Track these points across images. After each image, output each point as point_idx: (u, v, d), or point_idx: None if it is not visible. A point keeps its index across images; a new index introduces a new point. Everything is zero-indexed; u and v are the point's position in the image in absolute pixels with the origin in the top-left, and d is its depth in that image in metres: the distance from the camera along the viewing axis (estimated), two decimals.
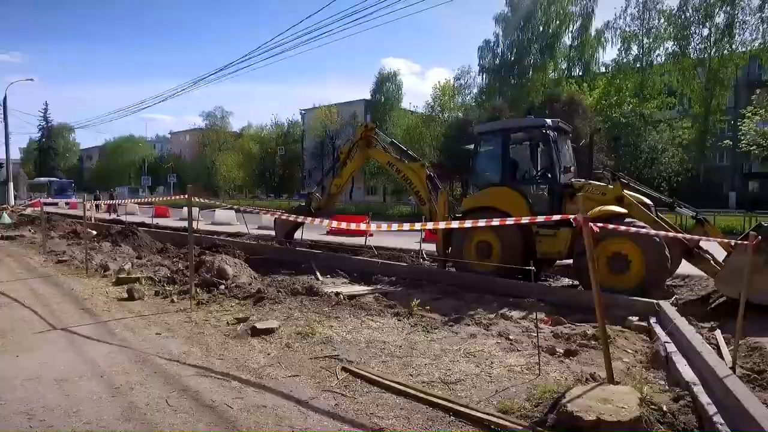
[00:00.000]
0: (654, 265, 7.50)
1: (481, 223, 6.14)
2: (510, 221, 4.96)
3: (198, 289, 6.18)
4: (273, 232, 16.89)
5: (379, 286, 8.54)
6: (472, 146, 10.14)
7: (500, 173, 9.33)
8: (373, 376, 3.48)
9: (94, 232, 14.08)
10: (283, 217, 9.51)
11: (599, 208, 8.04)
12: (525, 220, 4.74)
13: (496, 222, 5.58)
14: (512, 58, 45.68)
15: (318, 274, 9.45)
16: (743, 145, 35.38)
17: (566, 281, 10.15)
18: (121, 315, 5.29)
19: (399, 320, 5.04)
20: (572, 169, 9.05)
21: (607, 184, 8.60)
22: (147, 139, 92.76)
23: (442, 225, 6.27)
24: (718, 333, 6.07)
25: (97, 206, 20.57)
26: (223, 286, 6.34)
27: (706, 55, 36.41)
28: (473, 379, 3.54)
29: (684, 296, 8.53)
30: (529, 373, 3.71)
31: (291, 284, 6.26)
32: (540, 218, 4.65)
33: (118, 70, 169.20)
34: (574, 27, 44.78)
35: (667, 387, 4.26)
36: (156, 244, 11.79)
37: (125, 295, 6.13)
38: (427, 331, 4.72)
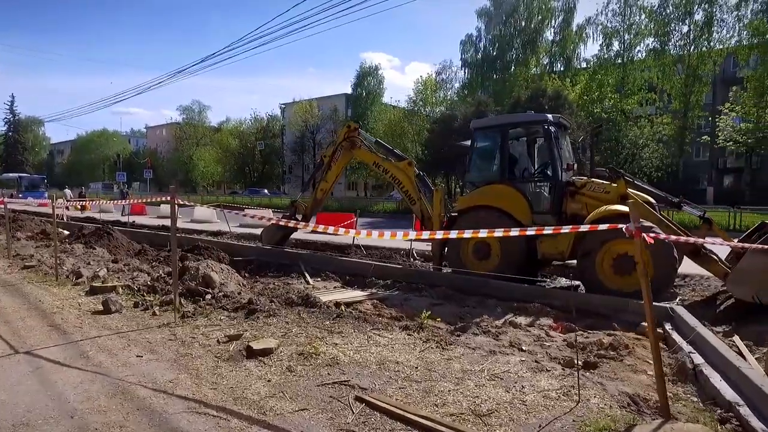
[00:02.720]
0: (662, 267, 7.22)
1: (483, 233, 5.75)
2: (532, 231, 4.49)
3: (182, 300, 5.61)
4: (255, 231, 16.34)
5: (374, 290, 8.08)
6: (468, 142, 9.75)
7: (499, 170, 8.96)
8: (395, 409, 3.02)
9: (66, 233, 13.24)
10: (273, 222, 8.98)
11: (604, 207, 7.73)
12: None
13: (499, 233, 5.20)
14: (494, 53, 45.68)
15: (308, 277, 8.94)
16: (720, 141, 36.05)
17: (564, 281, 9.87)
18: (95, 332, 4.69)
19: (409, 335, 4.58)
20: (575, 166, 8.72)
21: (610, 182, 8.32)
22: (121, 133, 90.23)
23: (439, 235, 5.85)
24: (737, 339, 5.78)
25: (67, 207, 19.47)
26: (209, 296, 5.78)
27: (685, 52, 36.87)
28: (507, 409, 3.12)
29: (687, 297, 8.30)
30: (567, 399, 3.30)
31: (285, 293, 5.74)
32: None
33: (90, 62, 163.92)
34: (556, 22, 45.03)
35: (702, 405, 3.91)
36: (133, 246, 11.08)
37: (100, 308, 5.51)
38: (442, 348, 4.27)
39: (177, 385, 3.44)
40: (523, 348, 5.08)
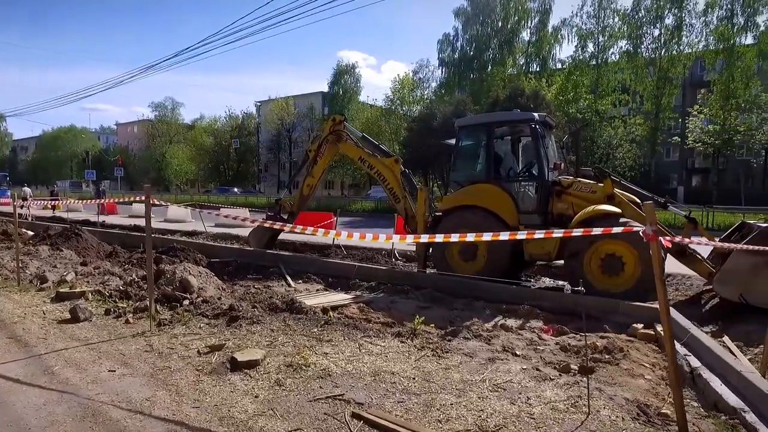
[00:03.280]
0: (650, 268, 7.17)
1: (470, 237, 5.60)
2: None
3: (158, 306, 5.25)
4: (232, 230, 15.88)
5: (359, 293, 7.84)
6: (452, 141, 9.59)
7: (484, 170, 8.83)
8: (396, 427, 2.79)
9: (30, 233, 12.55)
10: (258, 223, 8.64)
11: (592, 207, 7.67)
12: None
13: (488, 236, 5.05)
14: (472, 53, 45.91)
15: (290, 279, 8.62)
16: (690, 142, 37.05)
17: (547, 281, 9.82)
18: (62, 344, 4.30)
19: (402, 342, 4.36)
20: (562, 165, 8.65)
21: (596, 182, 8.27)
22: (90, 130, 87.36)
23: (424, 239, 5.65)
24: (727, 340, 5.76)
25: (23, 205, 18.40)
26: (187, 301, 5.43)
27: (657, 55, 37.77)
28: (515, 423, 2.92)
29: (672, 297, 8.32)
30: (576, 411, 3.13)
31: (268, 298, 5.43)
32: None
33: (56, 56, 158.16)
34: (533, 23, 45.54)
35: (704, 411, 3.82)
36: (104, 247, 10.54)
37: (67, 316, 5.10)
38: (438, 356, 4.06)
39: (155, 403, 3.13)
40: (517, 353, 4.94)
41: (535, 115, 8.53)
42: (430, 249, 9.11)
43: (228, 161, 61.19)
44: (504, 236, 5.65)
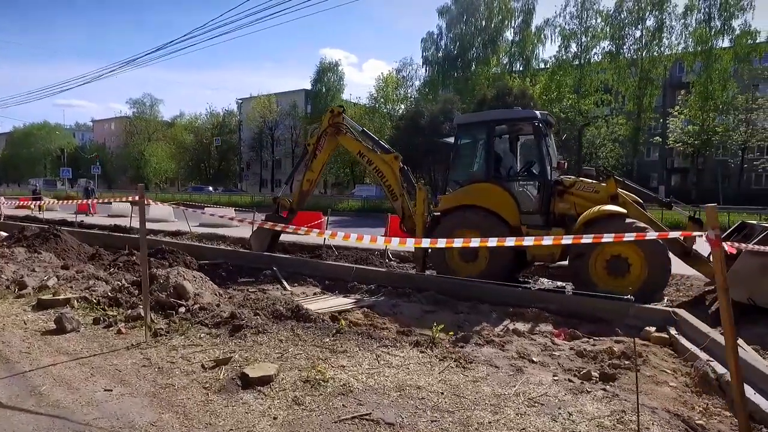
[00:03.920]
0: (656, 269, 7.07)
1: (475, 243, 5.37)
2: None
3: (152, 314, 4.87)
4: (217, 230, 15.41)
5: (358, 296, 7.54)
6: (451, 139, 9.36)
7: (485, 169, 8.61)
8: None
9: (4, 234, 11.90)
10: (260, 226, 8.30)
11: (597, 207, 7.52)
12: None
13: (493, 242, 4.83)
14: (456, 51, 45.87)
15: (285, 283, 8.27)
16: (671, 142, 37.72)
17: (545, 282, 9.67)
18: (49, 359, 3.90)
19: (421, 352, 4.08)
20: (565, 165, 8.49)
21: (599, 182, 8.13)
22: (65, 126, 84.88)
23: (425, 243, 5.39)
24: (743, 343, 5.64)
25: None
26: (183, 309, 5.06)
27: (638, 56, 38.27)
28: None
29: (673, 297, 8.25)
30: (624, 428, 2.90)
31: (271, 304, 5.09)
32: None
33: (29, 50, 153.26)
34: (516, 23, 45.66)
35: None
36: (85, 249, 9.99)
37: (52, 326, 4.68)
38: (463, 367, 3.80)
39: (162, 429, 2.78)
40: (534, 359, 4.75)
41: (537, 112, 8.36)
42: (429, 249, 8.87)
43: (209, 159, 60.10)
44: (510, 242, 5.42)
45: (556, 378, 3.68)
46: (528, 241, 5.44)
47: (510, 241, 5.57)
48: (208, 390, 3.29)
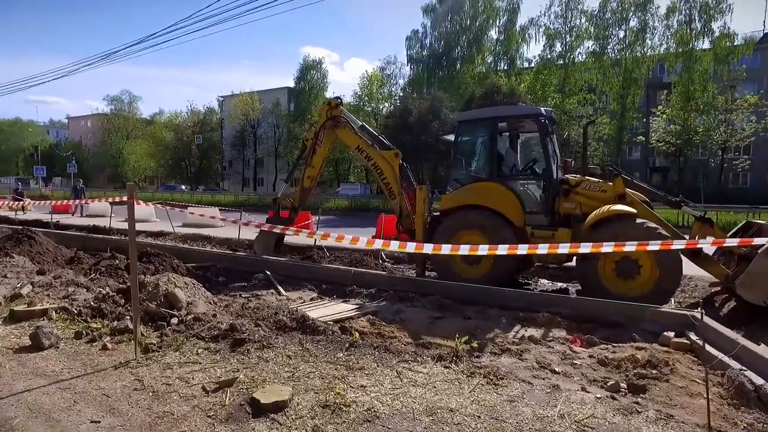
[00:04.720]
0: (668, 271, 6.83)
1: (483, 251, 5.09)
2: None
3: (142, 326, 4.39)
4: (202, 231, 14.81)
5: (359, 301, 7.13)
6: (451, 137, 9.04)
7: (488, 167, 8.32)
8: None
9: None
10: (258, 225, 7.85)
11: (607, 207, 7.26)
12: (679, 245, 3.55)
13: (504, 249, 4.57)
14: (441, 50, 45.74)
15: (280, 288, 7.81)
16: (653, 141, 38.13)
17: (545, 283, 9.43)
18: (23, 383, 3.40)
19: (446, 367, 3.70)
20: (572, 164, 8.22)
21: (605, 180, 7.89)
22: (38, 123, 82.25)
23: (428, 249, 5.05)
24: (765, 349, 5.44)
25: None
26: (176, 320, 4.58)
27: (622, 56, 38.67)
28: None
29: (679, 298, 8.05)
30: None
31: (273, 314, 4.65)
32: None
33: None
34: (501, 22, 45.71)
35: None
36: (62, 251, 9.37)
37: (27, 342, 4.16)
38: (495, 385, 3.43)
39: None
40: (556, 369, 4.46)
41: (542, 109, 8.07)
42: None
43: (190, 158, 58.82)
44: (523, 249, 5.13)
45: (599, 397, 3.35)
46: (542, 249, 5.14)
47: (523, 249, 5.25)
48: (214, 420, 2.85)
